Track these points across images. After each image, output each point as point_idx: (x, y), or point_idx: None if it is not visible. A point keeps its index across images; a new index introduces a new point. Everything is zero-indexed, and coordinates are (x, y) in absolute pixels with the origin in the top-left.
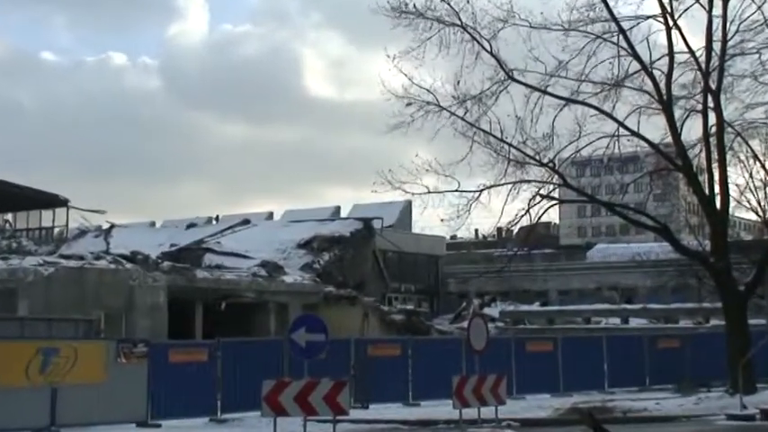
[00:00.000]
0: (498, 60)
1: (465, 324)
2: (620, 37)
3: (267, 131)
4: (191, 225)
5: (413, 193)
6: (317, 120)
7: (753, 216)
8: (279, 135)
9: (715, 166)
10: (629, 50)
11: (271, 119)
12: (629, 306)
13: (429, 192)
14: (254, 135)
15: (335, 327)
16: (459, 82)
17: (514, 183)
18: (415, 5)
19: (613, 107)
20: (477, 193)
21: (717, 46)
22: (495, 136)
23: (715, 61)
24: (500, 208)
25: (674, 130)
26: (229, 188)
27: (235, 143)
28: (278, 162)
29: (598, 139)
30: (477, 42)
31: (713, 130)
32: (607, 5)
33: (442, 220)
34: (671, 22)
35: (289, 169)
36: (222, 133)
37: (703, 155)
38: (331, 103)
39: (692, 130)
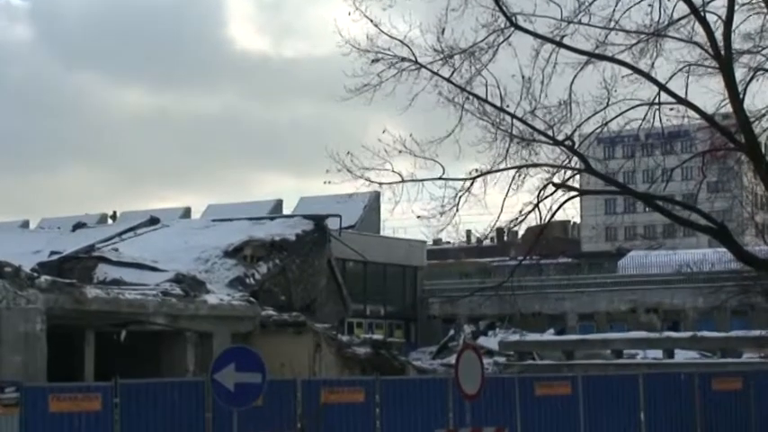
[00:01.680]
0: (497, 1)
1: (453, 359)
2: None
3: (179, 99)
4: (78, 225)
5: (381, 183)
6: (246, 83)
7: None
8: (195, 104)
9: None
10: None
11: (183, 82)
12: (674, 334)
13: (403, 180)
14: (161, 104)
15: (276, 363)
16: (443, 30)
17: (519, 167)
18: None
19: (652, 65)
20: (468, 182)
21: None
22: (492, 104)
23: None
24: (500, 202)
25: (735, 96)
26: (129, 176)
27: (135, 115)
28: (195, 141)
29: (632, 108)
30: None
31: None
32: None
33: (419, 218)
34: None
35: (210, 151)
36: (117, 102)
37: None
38: (264, 61)
39: (759, 96)
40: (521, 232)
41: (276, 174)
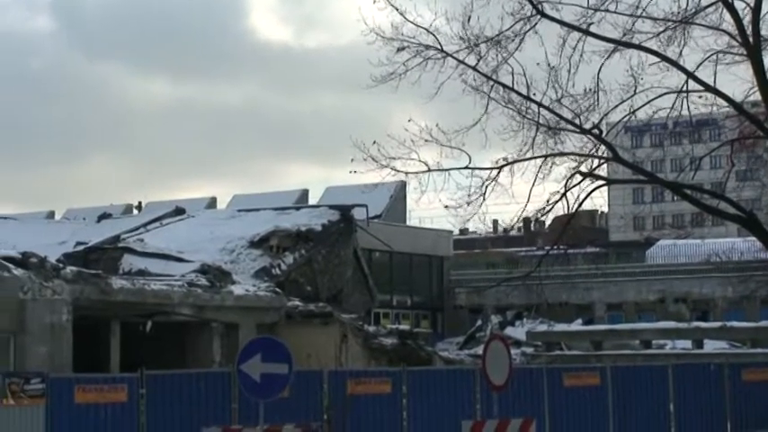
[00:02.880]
0: None
1: (480, 350)
2: None
3: (203, 90)
4: (103, 216)
5: (407, 173)
6: (269, 74)
7: None
8: (218, 95)
9: None
10: None
11: (206, 73)
12: (703, 324)
13: (429, 170)
14: (186, 95)
15: (303, 354)
16: (469, 18)
17: (546, 156)
18: None
19: (680, 53)
20: (494, 171)
21: None
22: (518, 92)
23: None
24: (526, 191)
25: (764, 84)
26: (154, 166)
27: (160, 106)
28: (219, 132)
29: (660, 96)
30: None
31: None
32: None
33: (446, 208)
34: None
35: (234, 141)
36: (143, 93)
37: None
38: (287, 51)
39: None
40: (548, 222)
41: (301, 164)
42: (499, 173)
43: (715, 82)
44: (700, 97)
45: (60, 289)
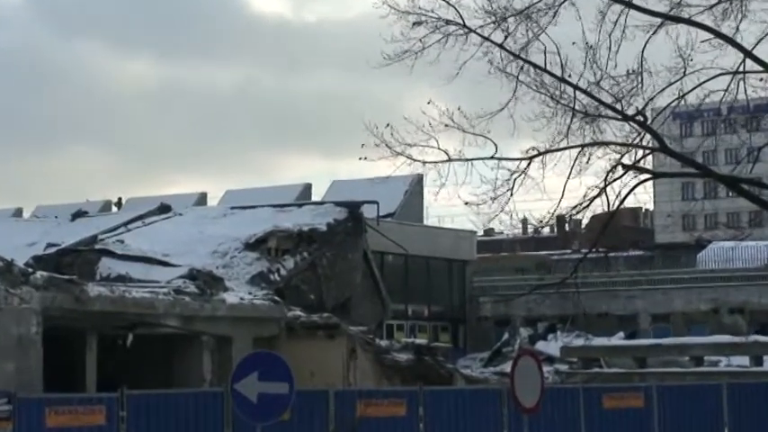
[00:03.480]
0: None
1: (507, 367)
2: None
3: (189, 71)
4: (78, 214)
5: (424, 162)
6: (266, 52)
7: None
8: (207, 76)
9: None
10: None
11: (195, 52)
12: (762, 338)
13: (450, 159)
14: (170, 76)
15: (305, 371)
16: None
17: (583, 146)
18: None
19: (737, 28)
20: (524, 163)
21: None
22: (551, 74)
23: None
24: (560, 186)
25: None
26: (136, 158)
27: (141, 89)
28: (209, 118)
29: (713, 78)
30: None
31: None
32: None
33: (468, 204)
34: None
35: (227, 129)
36: (121, 74)
37: None
38: (283, 27)
39: None
40: (585, 221)
41: (303, 155)
42: (529, 164)
43: None
44: (761, 80)
45: (29, 297)
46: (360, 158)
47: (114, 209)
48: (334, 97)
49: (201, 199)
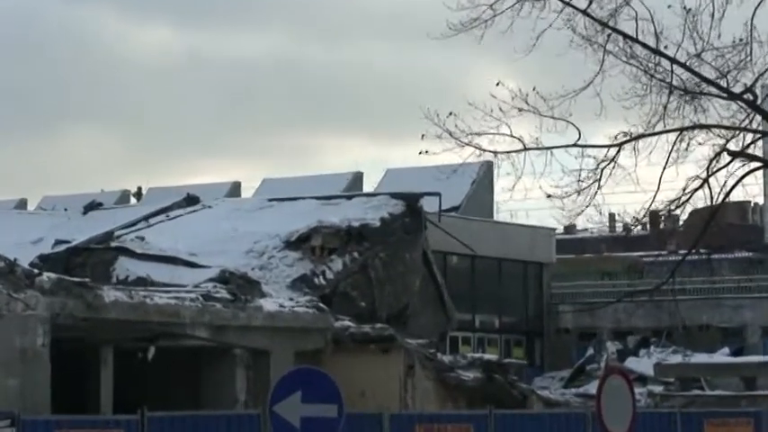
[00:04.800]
0: None
1: (592, 388)
2: None
3: (217, 41)
4: (91, 206)
5: (495, 152)
6: (307, 19)
7: None
8: (239, 48)
9: None
10: None
11: (222, 19)
12: None
13: (525, 148)
14: (194, 46)
15: (355, 391)
16: None
17: (681, 130)
18: None
19: None
20: (613, 150)
21: None
22: (645, 45)
23: None
24: (656, 177)
25: None
26: (158, 141)
27: (161, 61)
28: (241, 95)
29: None
30: None
31: None
32: None
33: (549, 197)
34: None
35: (263, 108)
36: (137, 44)
37: None
38: None
39: None
40: (683, 217)
41: (351, 138)
42: (619, 152)
43: None
44: None
45: (34, 302)
46: (420, 152)
47: (133, 200)
48: (386, 72)
49: (234, 189)
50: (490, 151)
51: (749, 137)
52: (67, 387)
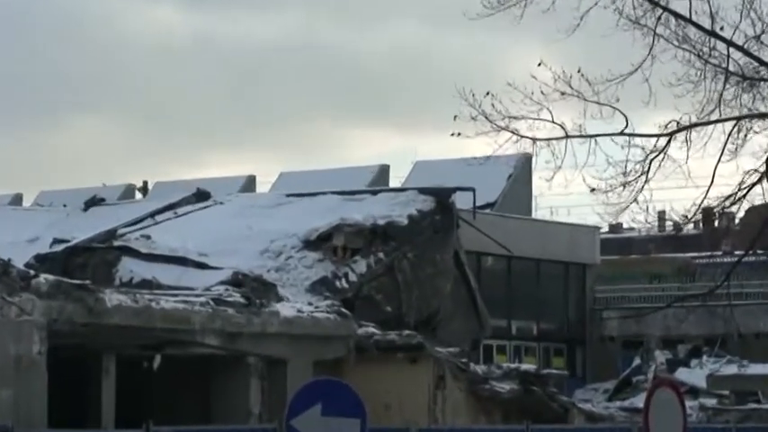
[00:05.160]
0: None
1: (639, 401)
2: None
3: (229, 21)
4: (93, 202)
5: (534, 139)
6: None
7: None
8: (253, 29)
9: None
10: None
11: None
12: None
13: (567, 136)
14: (202, 27)
15: (380, 404)
16: None
17: (738, 118)
18: None
19: None
20: (662, 140)
21: None
22: (699, 26)
23: None
24: (709, 170)
25: None
26: (165, 131)
27: (170, 45)
28: (256, 80)
29: None
30: None
31: None
32: None
33: (593, 191)
34: None
35: (279, 96)
36: (141, 24)
37: None
38: None
39: None
40: (740, 214)
41: (376, 128)
42: (669, 142)
43: None
44: None
45: (30, 306)
46: (452, 134)
47: (138, 195)
48: (416, 56)
49: (249, 184)
50: (529, 137)
51: None
52: (66, 398)
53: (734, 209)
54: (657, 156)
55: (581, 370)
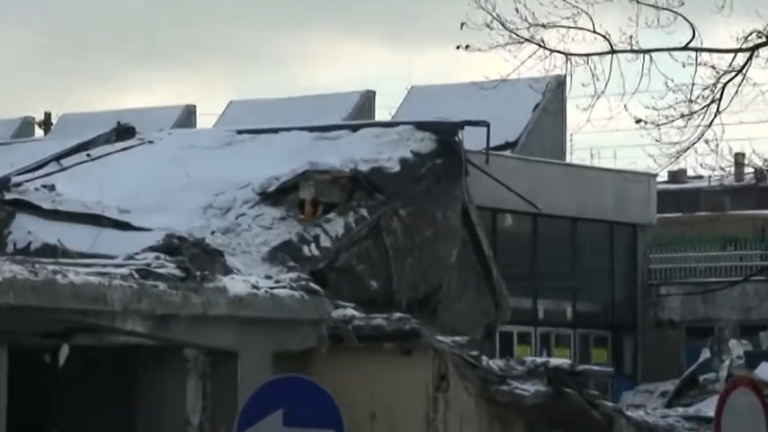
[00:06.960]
0: None
1: (708, 407)
2: None
3: None
4: None
5: (568, 54)
6: None
7: None
8: None
9: None
10: None
11: None
12: None
13: (612, 51)
14: None
15: (363, 411)
16: None
17: None
18: None
19: None
20: (739, 56)
21: None
22: None
23: None
24: None
25: None
26: (76, 43)
27: None
28: None
29: None
30: None
31: None
32: None
33: (642, 125)
34: None
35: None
36: None
37: None
38: None
39: None
40: None
41: (356, 41)
42: (750, 60)
43: None
44: None
45: None
46: (458, 47)
47: (38, 132)
48: None
49: (187, 116)
50: (560, 52)
51: None
52: None
53: None
54: (733, 78)
55: (630, 366)
